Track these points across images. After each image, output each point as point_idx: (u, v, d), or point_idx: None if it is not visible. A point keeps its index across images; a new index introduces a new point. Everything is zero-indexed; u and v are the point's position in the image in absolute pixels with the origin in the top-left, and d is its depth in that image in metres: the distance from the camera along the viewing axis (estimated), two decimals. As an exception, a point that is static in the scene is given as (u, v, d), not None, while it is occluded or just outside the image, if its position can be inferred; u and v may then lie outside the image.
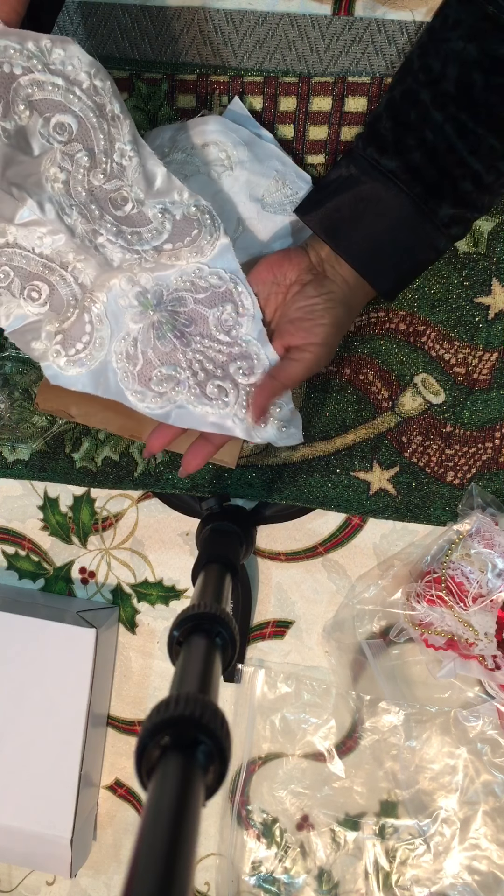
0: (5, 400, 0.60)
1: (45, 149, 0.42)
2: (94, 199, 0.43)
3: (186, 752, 0.25)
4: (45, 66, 0.39)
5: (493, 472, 0.56)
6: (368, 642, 0.58)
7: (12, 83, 0.39)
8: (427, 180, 0.44)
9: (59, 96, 0.40)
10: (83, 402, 0.58)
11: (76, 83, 0.40)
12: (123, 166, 0.42)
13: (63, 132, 0.41)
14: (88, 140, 0.41)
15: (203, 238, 0.45)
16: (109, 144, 0.41)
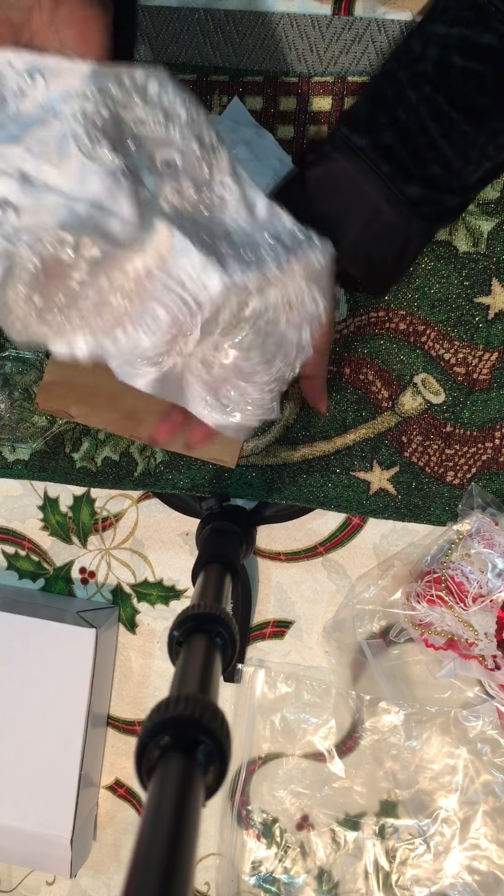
0: (5, 400, 0.60)
1: (157, 185, 0.41)
2: (203, 230, 0.42)
3: (186, 752, 0.25)
4: (144, 101, 0.38)
5: (493, 472, 0.56)
6: (368, 642, 0.58)
7: (120, 122, 0.38)
8: (396, 160, 0.44)
9: (161, 132, 0.39)
10: (83, 402, 0.58)
11: (176, 115, 0.39)
12: (225, 198, 0.42)
13: (170, 168, 0.40)
14: (194, 173, 0.41)
15: (311, 259, 0.43)
16: (212, 177, 0.41)
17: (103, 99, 0.37)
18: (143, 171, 0.40)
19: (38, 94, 0.37)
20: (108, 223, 0.39)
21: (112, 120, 0.38)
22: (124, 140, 0.39)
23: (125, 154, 0.39)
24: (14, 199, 0.37)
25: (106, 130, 0.38)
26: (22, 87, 0.37)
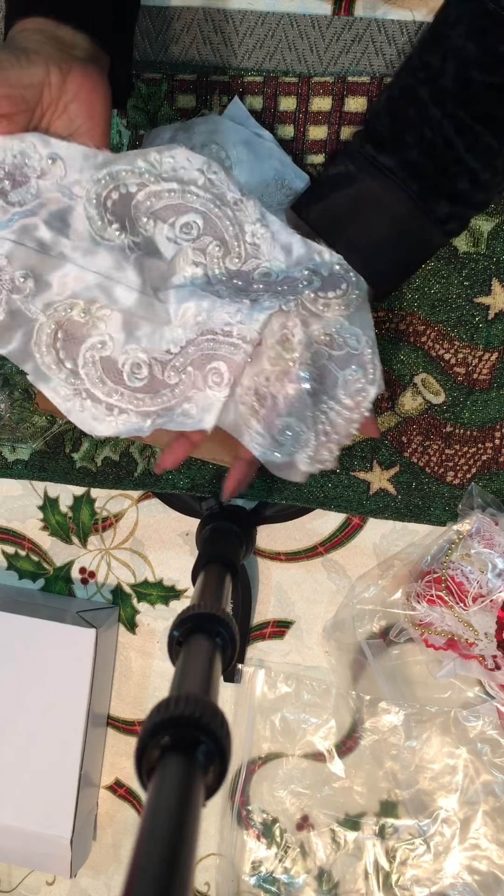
0: (5, 400, 0.60)
1: (176, 250, 0.43)
2: (234, 277, 0.44)
3: (186, 752, 0.25)
4: (158, 177, 0.42)
5: (493, 472, 0.56)
6: (368, 642, 0.58)
7: (131, 201, 0.42)
8: (424, 177, 0.44)
9: (177, 199, 0.42)
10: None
11: (191, 182, 0.42)
12: (257, 244, 0.43)
13: (190, 230, 0.43)
14: (217, 231, 0.43)
15: (351, 293, 0.44)
16: (239, 228, 0.43)
17: (114, 183, 0.41)
18: (159, 241, 0.43)
19: (56, 176, 0.41)
20: (114, 289, 0.42)
21: (122, 201, 0.42)
22: (137, 217, 0.42)
23: (135, 230, 0.43)
24: (31, 268, 0.41)
25: (115, 212, 0.42)
26: (44, 167, 0.41)
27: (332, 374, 0.46)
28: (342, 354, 0.45)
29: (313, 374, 0.45)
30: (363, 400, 0.45)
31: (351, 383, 0.45)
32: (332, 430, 0.46)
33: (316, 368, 0.46)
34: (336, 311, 0.44)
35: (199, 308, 0.43)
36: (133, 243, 0.43)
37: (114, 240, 0.42)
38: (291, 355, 0.44)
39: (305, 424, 0.46)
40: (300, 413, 0.46)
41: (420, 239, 0.46)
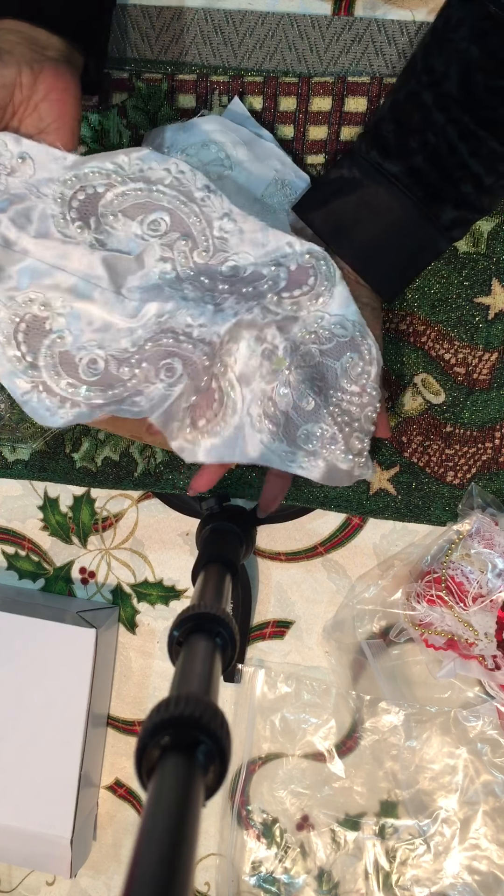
0: (5, 400, 0.60)
1: (143, 246, 0.44)
2: (203, 273, 0.45)
3: (186, 752, 0.25)
4: (126, 178, 0.43)
5: (493, 472, 0.56)
6: (368, 642, 0.58)
7: (99, 201, 0.43)
8: (429, 183, 0.44)
9: (144, 198, 0.43)
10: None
11: (158, 181, 0.43)
12: (225, 238, 0.44)
13: (158, 227, 0.44)
14: (184, 226, 0.44)
15: (320, 284, 0.44)
16: (206, 223, 0.44)
17: (81, 184, 0.42)
18: (127, 238, 0.44)
19: (25, 174, 0.42)
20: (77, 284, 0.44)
21: (89, 200, 0.43)
22: (104, 216, 0.43)
23: (100, 228, 0.44)
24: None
25: (81, 210, 0.43)
26: (13, 165, 0.42)
27: (331, 367, 0.46)
28: (332, 346, 0.46)
29: (312, 374, 0.46)
30: (367, 381, 0.46)
31: (350, 369, 0.46)
32: (351, 419, 0.46)
33: (311, 367, 0.46)
34: (309, 307, 0.45)
35: (161, 309, 0.44)
36: (96, 240, 0.44)
37: (76, 237, 0.43)
38: (283, 365, 0.45)
39: (325, 423, 0.46)
40: (315, 415, 0.46)
41: (425, 245, 0.46)
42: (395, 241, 0.46)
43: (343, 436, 0.46)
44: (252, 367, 0.45)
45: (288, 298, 0.44)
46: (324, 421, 0.46)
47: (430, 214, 0.44)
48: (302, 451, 0.46)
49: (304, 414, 0.46)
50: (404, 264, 0.47)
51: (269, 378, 0.45)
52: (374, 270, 0.46)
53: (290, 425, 0.46)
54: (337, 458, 0.47)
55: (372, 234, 0.46)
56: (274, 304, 0.44)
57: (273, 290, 0.44)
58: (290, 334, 0.45)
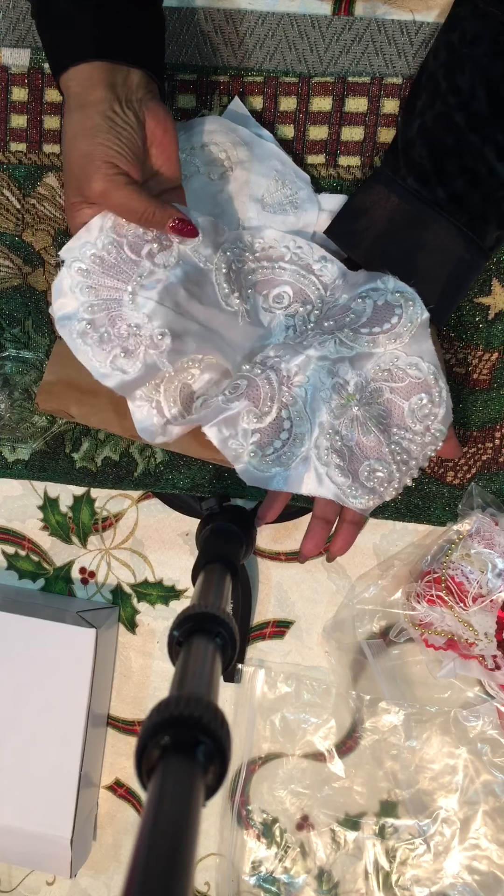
0: (5, 400, 0.60)
1: (272, 318, 0.49)
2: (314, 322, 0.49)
3: (186, 752, 0.24)
4: (254, 255, 0.48)
5: (493, 472, 0.56)
6: (368, 642, 0.58)
7: (241, 275, 0.48)
8: (472, 207, 0.44)
9: (270, 275, 0.48)
10: (83, 402, 0.58)
11: (279, 259, 0.48)
12: (335, 293, 0.48)
13: (282, 301, 0.49)
14: (304, 296, 0.49)
15: (402, 325, 0.45)
16: (323, 288, 0.49)
17: (234, 256, 0.47)
18: (259, 311, 0.49)
19: (194, 243, 0.46)
20: (226, 349, 0.47)
21: (236, 272, 0.47)
22: (245, 287, 0.48)
23: (245, 298, 0.48)
24: (169, 326, 0.45)
25: (234, 281, 0.47)
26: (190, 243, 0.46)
27: (398, 406, 0.47)
28: (404, 385, 0.46)
29: (379, 411, 0.46)
30: (433, 422, 0.46)
31: (418, 410, 0.46)
32: (409, 457, 0.47)
33: (379, 404, 0.46)
34: (386, 345, 0.45)
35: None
36: (245, 311, 0.48)
37: (234, 307, 0.47)
38: (352, 400, 0.46)
39: (385, 461, 0.46)
40: (378, 452, 0.46)
41: (471, 267, 0.46)
42: (444, 269, 0.45)
43: (399, 474, 0.47)
44: (321, 400, 0.46)
45: (367, 334, 0.45)
46: (385, 458, 0.46)
47: (476, 237, 0.44)
48: (364, 487, 0.47)
49: (368, 450, 0.47)
50: (453, 289, 0.47)
51: (337, 412, 0.46)
52: (424, 300, 0.46)
53: (353, 460, 0.47)
54: (389, 495, 0.48)
55: (419, 263, 0.45)
56: (350, 339, 0.46)
57: (353, 324, 0.45)
58: (363, 371, 0.46)
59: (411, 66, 0.53)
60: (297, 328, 0.49)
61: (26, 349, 0.60)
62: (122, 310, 0.45)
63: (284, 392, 0.46)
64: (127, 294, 0.45)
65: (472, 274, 0.47)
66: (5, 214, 0.59)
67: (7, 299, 0.60)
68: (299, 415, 0.47)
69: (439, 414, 0.46)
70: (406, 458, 0.47)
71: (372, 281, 0.46)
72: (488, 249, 0.45)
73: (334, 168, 0.54)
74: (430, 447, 0.47)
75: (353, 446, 0.46)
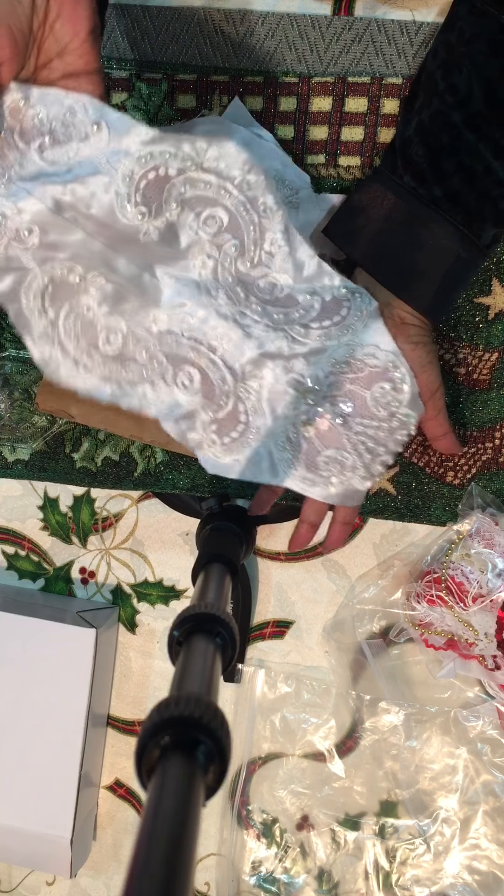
0: (5, 400, 0.60)
1: (194, 240, 0.43)
2: (239, 283, 0.44)
3: (186, 752, 0.24)
4: (199, 166, 0.41)
5: (493, 472, 0.56)
6: (368, 642, 0.58)
7: (166, 184, 0.41)
8: (468, 205, 0.44)
9: (211, 193, 0.42)
10: (83, 402, 0.58)
11: (228, 178, 0.42)
12: (272, 255, 0.44)
13: (213, 225, 0.43)
14: (238, 231, 0.43)
15: (352, 316, 0.44)
16: (259, 235, 0.43)
17: (155, 163, 0.40)
18: (183, 228, 0.43)
19: (100, 143, 0.40)
20: (116, 261, 0.43)
21: (157, 182, 0.41)
22: (168, 200, 0.42)
23: (160, 215, 0.42)
24: (40, 224, 0.41)
25: (146, 193, 0.41)
26: (88, 132, 0.40)
27: (360, 396, 0.46)
28: (364, 375, 0.46)
29: (338, 403, 0.46)
30: (398, 408, 0.46)
31: (381, 398, 0.46)
32: (377, 444, 0.47)
33: (340, 396, 0.46)
34: (339, 338, 0.45)
35: (192, 311, 0.44)
36: (153, 227, 0.42)
37: (133, 221, 0.42)
38: (308, 395, 0.45)
39: (346, 451, 0.46)
40: (337, 443, 0.46)
41: (468, 265, 0.46)
42: (440, 267, 0.45)
43: (363, 462, 0.47)
44: (277, 394, 0.46)
45: (317, 329, 0.44)
46: (345, 449, 0.46)
47: (472, 235, 0.44)
48: (321, 477, 0.47)
49: (327, 440, 0.46)
50: (449, 287, 0.46)
51: (293, 405, 0.46)
52: (418, 299, 0.46)
53: (311, 451, 0.47)
54: (356, 483, 0.47)
55: (415, 261, 0.45)
56: (301, 335, 0.45)
57: (303, 319, 0.44)
58: (318, 365, 0.45)
59: (411, 66, 0.53)
60: (218, 266, 0.44)
61: (26, 349, 0.60)
62: None
63: (240, 388, 0.46)
64: (2, 179, 0.41)
65: (470, 272, 0.47)
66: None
67: (7, 299, 0.60)
68: (255, 410, 0.47)
69: (403, 399, 0.46)
70: (373, 446, 0.46)
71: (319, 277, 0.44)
72: (485, 247, 0.45)
73: (334, 168, 0.54)
74: (399, 432, 0.47)
75: (312, 437, 0.46)
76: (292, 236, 0.43)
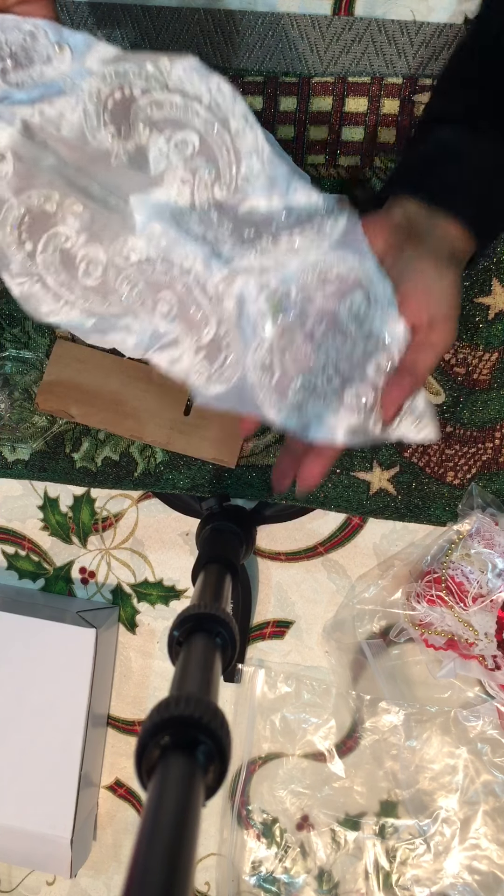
0: (5, 400, 0.60)
1: (167, 166, 0.42)
2: (215, 207, 0.43)
3: (186, 752, 0.25)
4: (164, 86, 0.41)
5: (493, 472, 0.56)
6: (368, 642, 0.58)
7: (132, 105, 0.41)
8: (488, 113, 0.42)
9: (179, 114, 0.41)
10: (83, 402, 0.58)
11: (196, 99, 0.41)
12: (249, 180, 0.43)
13: (185, 149, 0.42)
14: (212, 154, 0.42)
15: (328, 226, 0.43)
16: (234, 158, 0.42)
17: (119, 82, 0.40)
18: (151, 152, 0.42)
19: (63, 64, 0.40)
20: (90, 186, 0.42)
21: (123, 102, 0.41)
22: (135, 122, 0.41)
23: (129, 137, 0.42)
24: (13, 150, 0.41)
25: (115, 113, 0.41)
26: (50, 54, 0.40)
27: (332, 311, 0.43)
28: (335, 288, 0.43)
29: (311, 320, 0.44)
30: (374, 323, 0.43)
31: (353, 310, 0.43)
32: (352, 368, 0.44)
33: (313, 313, 0.44)
34: (309, 248, 0.43)
35: (165, 234, 0.43)
36: (124, 150, 0.42)
37: (104, 143, 0.42)
38: (279, 310, 0.43)
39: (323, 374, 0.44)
40: (308, 367, 0.44)
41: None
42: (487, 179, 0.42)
43: (332, 388, 0.44)
44: (251, 313, 0.44)
45: (285, 238, 0.43)
46: (315, 372, 0.44)
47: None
48: (291, 403, 0.44)
49: (297, 362, 0.44)
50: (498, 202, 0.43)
51: (267, 325, 0.44)
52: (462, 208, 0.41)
53: (283, 377, 0.44)
54: (327, 410, 0.44)
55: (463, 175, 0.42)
56: (271, 246, 0.43)
57: (275, 232, 0.43)
58: (290, 278, 0.43)
59: (411, 66, 0.53)
60: (193, 190, 0.43)
61: (26, 349, 0.60)
62: None
63: (216, 309, 0.45)
64: None
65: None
66: (5, 214, 0.59)
67: (7, 299, 0.60)
68: (232, 331, 0.45)
69: (377, 315, 0.43)
70: (347, 370, 0.43)
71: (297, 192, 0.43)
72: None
73: (334, 168, 0.54)
74: (378, 356, 0.43)
75: (285, 360, 0.44)
76: (267, 158, 0.42)
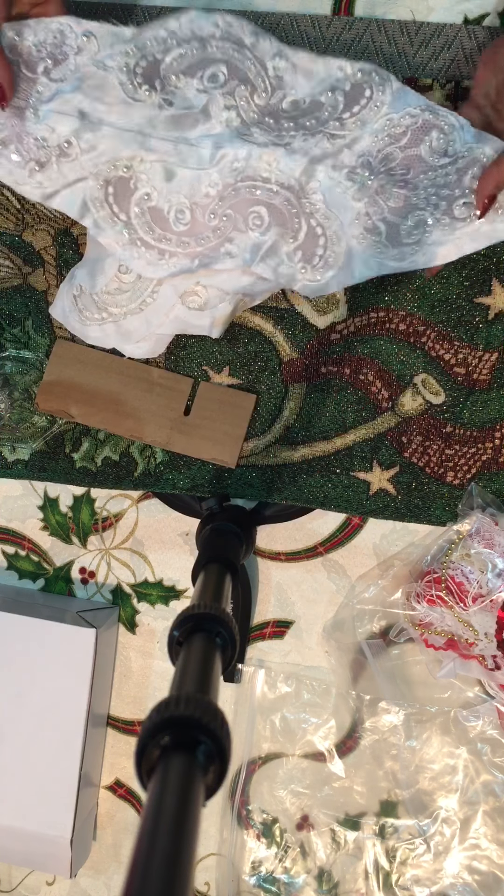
0: (5, 400, 0.60)
1: (208, 99, 0.47)
2: (266, 114, 0.47)
3: (186, 752, 0.25)
4: (180, 40, 0.47)
5: (493, 472, 0.56)
6: (368, 642, 0.58)
7: (160, 66, 0.47)
8: None
9: (200, 55, 0.47)
10: (83, 402, 0.58)
11: (209, 37, 0.47)
12: (280, 76, 0.47)
13: (217, 79, 0.47)
14: (241, 73, 0.47)
15: (377, 92, 0.46)
16: (260, 66, 0.47)
17: (142, 52, 0.46)
18: (190, 95, 0.47)
19: (91, 51, 0.46)
20: (150, 141, 0.47)
21: (151, 66, 0.47)
22: (167, 77, 0.47)
23: (166, 89, 0.47)
24: (76, 135, 0.47)
25: (146, 76, 0.46)
26: (80, 45, 0.46)
27: (413, 157, 0.47)
28: (409, 138, 0.47)
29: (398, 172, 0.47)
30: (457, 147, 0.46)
31: (436, 148, 0.46)
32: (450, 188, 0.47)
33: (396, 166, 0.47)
34: (374, 118, 0.46)
35: (235, 155, 0.47)
36: (164, 101, 0.47)
37: (145, 100, 0.47)
38: (366, 179, 0.47)
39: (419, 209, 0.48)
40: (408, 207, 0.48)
41: None
42: None
43: (442, 211, 0.47)
44: (338, 194, 0.48)
45: (350, 118, 0.47)
46: (418, 207, 0.47)
47: None
48: (409, 246, 0.48)
49: (398, 211, 0.48)
50: None
51: (358, 196, 0.48)
52: None
53: (391, 229, 0.48)
54: (445, 234, 0.48)
55: None
56: (338, 129, 0.47)
57: (334, 115, 0.47)
58: (364, 149, 0.47)
59: (411, 66, 0.53)
60: (240, 111, 0.47)
61: (26, 349, 0.60)
62: (27, 125, 0.47)
63: (305, 204, 0.48)
64: (29, 110, 0.47)
65: None
66: (5, 214, 0.59)
67: (7, 299, 0.60)
68: (326, 216, 0.48)
69: (456, 139, 0.46)
70: (448, 192, 0.47)
71: (329, 70, 0.46)
72: None
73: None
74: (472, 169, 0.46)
75: (386, 216, 0.48)
76: (289, 52, 0.46)
